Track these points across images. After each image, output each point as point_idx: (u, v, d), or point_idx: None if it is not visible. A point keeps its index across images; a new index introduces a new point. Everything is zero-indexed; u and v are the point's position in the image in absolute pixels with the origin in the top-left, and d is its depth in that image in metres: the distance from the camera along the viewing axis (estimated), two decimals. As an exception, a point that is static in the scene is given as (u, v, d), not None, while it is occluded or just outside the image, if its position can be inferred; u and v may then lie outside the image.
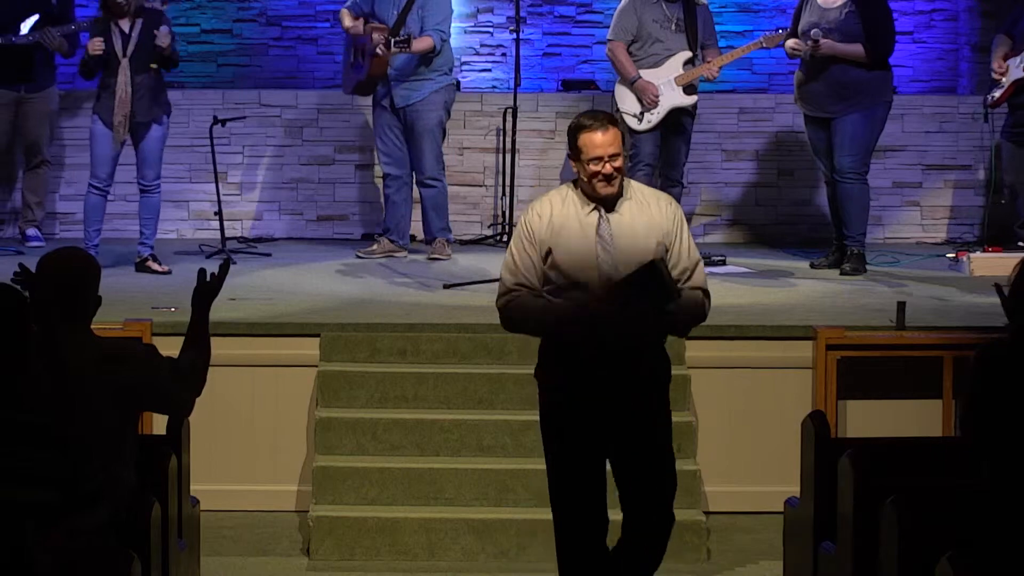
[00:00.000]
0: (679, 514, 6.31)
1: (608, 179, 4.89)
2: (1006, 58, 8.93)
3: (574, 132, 4.95)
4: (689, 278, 4.99)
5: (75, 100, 10.02)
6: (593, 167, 4.89)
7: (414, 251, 9.11)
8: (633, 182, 5.10)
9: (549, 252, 4.93)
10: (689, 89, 8.89)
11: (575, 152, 4.94)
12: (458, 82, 9.74)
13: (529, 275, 4.94)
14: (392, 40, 8.56)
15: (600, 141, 4.87)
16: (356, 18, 8.88)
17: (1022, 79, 8.87)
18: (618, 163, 4.90)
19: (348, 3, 8.96)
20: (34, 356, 3.92)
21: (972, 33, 10.75)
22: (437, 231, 8.98)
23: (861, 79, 8.47)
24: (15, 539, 3.49)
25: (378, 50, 8.60)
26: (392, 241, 9.01)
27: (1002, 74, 8.90)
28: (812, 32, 8.45)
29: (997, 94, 8.96)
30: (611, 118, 5.00)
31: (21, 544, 3.49)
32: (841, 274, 8.54)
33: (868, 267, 8.69)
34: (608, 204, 4.94)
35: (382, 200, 9.18)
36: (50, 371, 4.18)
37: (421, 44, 8.66)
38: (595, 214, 4.94)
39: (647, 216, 4.95)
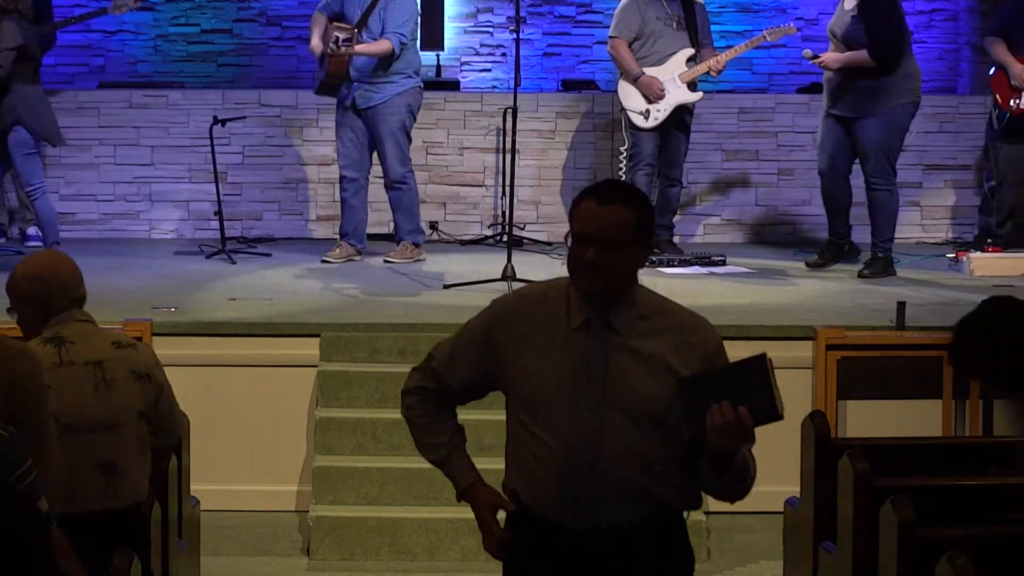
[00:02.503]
0: (679, 514, 6.34)
1: (588, 270, 3.40)
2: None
3: (575, 200, 3.54)
4: None
5: (75, 100, 10.02)
6: (577, 246, 3.43)
7: (372, 254, 9.06)
8: (653, 294, 3.55)
9: (500, 369, 3.57)
10: (692, 86, 8.91)
11: (570, 225, 3.50)
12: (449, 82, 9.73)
13: (456, 373, 3.73)
14: (339, 39, 8.57)
15: (594, 214, 3.41)
16: (329, 20, 8.87)
17: None
18: (612, 257, 3.39)
19: (321, 3, 8.95)
20: None
21: (972, 33, 10.76)
22: (405, 234, 8.95)
23: (875, 83, 8.38)
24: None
25: (328, 49, 8.60)
26: (351, 245, 8.97)
27: None
28: (802, 52, 8.61)
29: None
30: (627, 195, 3.49)
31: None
32: (859, 276, 8.51)
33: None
34: (610, 316, 3.45)
35: (340, 203, 9.09)
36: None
37: (374, 47, 8.62)
38: (586, 330, 3.46)
39: (665, 344, 3.45)
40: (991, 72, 9.31)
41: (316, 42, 8.74)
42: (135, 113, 9.99)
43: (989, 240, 9.07)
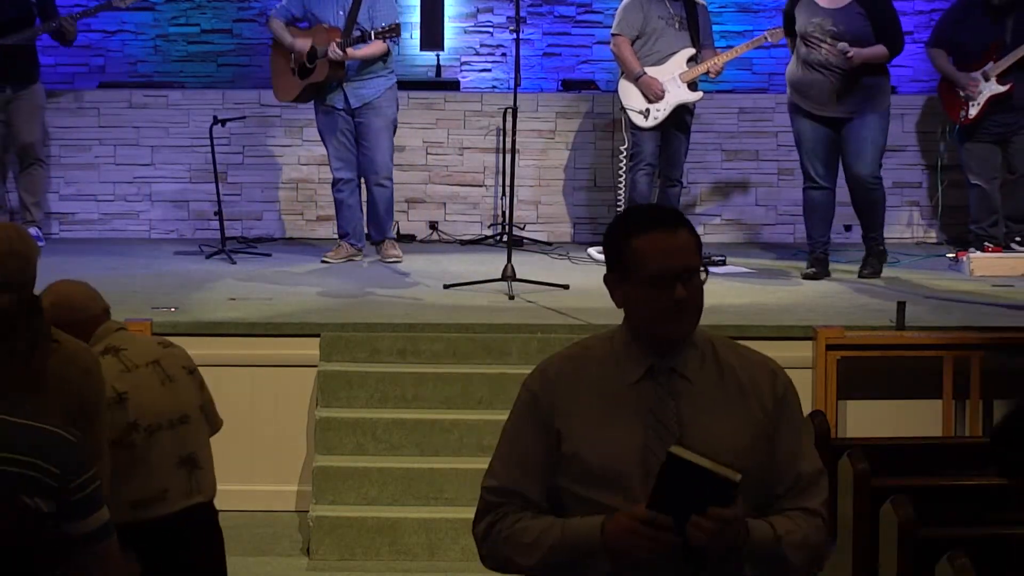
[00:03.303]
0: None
1: (682, 311, 2.98)
2: (968, 72, 9.03)
3: (620, 237, 3.03)
4: (799, 493, 3.03)
5: (75, 100, 10.02)
6: (657, 290, 2.96)
7: (372, 254, 9.05)
8: (707, 333, 3.13)
9: (561, 440, 3.01)
10: (693, 85, 8.92)
11: (620, 268, 3.02)
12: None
13: (528, 477, 3.04)
14: (339, 43, 8.56)
15: (671, 245, 2.98)
16: (288, 25, 8.85)
17: (997, 93, 8.96)
18: (700, 288, 3.04)
19: (275, 11, 8.92)
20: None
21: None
22: (389, 230, 8.98)
23: (875, 80, 8.33)
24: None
25: (332, 54, 8.55)
26: (352, 245, 8.97)
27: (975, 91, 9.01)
28: (840, 47, 8.20)
29: (974, 112, 9.03)
30: (678, 215, 3.08)
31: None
32: (861, 277, 8.46)
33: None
34: (674, 362, 3.02)
35: (335, 205, 9.04)
36: None
37: (375, 48, 8.62)
38: (650, 381, 3.01)
39: (734, 389, 3.04)
40: (937, 83, 9.36)
41: (304, 41, 8.72)
42: (135, 113, 9.99)
43: (987, 242, 9.06)
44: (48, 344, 3.59)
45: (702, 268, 3.04)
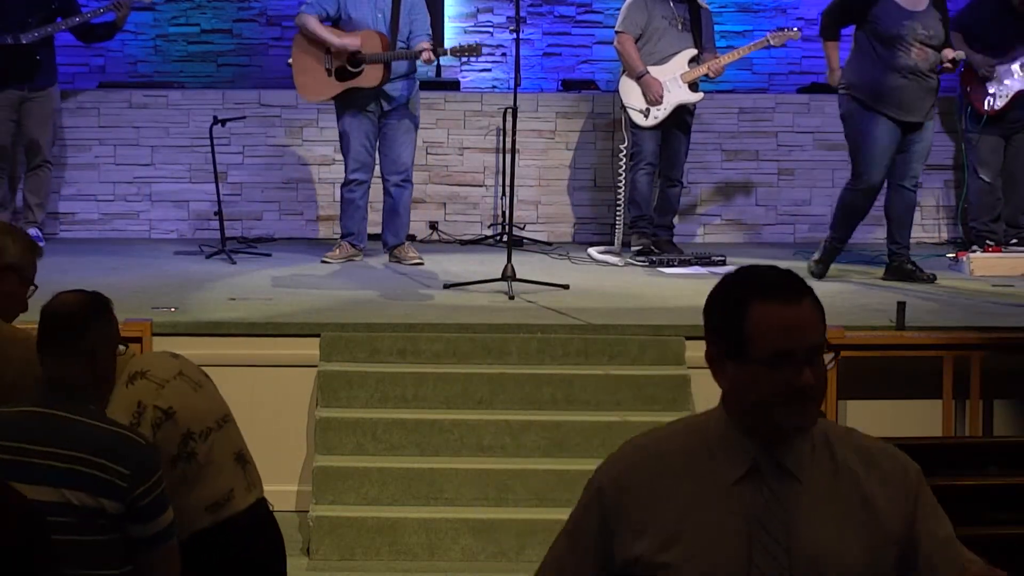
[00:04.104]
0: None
1: (805, 399, 2.53)
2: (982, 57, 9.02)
3: (733, 304, 2.58)
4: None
5: (75, 100, 10.02)
6: (778, 372, 2.51)
7: (371, 254, 9.04)
8: (821, 420, 2.64)
9: (634, 550, 2.58)
10: (694, 86, 8.93)
11: (730, 342, 2.56)
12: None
13: None
14: (439, 49, 8.53)
15: (793, 320, 2.53)
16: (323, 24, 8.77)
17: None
18: (824, 371, 2.58)
19: (307, 7, 8.74)
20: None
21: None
22: (405, 235, 8.98)
23: (936, 83, 8.28)
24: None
25: (426, 58, 8.52)
26: (353, 245, 8.96)
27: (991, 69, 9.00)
28: (955, 55, 8.14)
29: (1000, 103, 9.03)
30: (800, 281, 2.61)
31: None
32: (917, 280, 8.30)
33: (868, 267, 8.70)
34: (783, 456, 2.57)
35: (340, 206, 9.01)
36: None
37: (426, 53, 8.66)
38: (754, 481, 2.57)
39: (854, 495, 2.60)
40: (960, 69, 9.32)
41: (353, 40, 8.58)
42: (135, 113, 10.00)
43: (989, 241, 9.06)
44: (115, 347, 3.65)
45: (827, 348, 2.62)
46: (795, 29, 9.16)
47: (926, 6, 8.17)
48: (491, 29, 10.79)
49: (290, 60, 8.90)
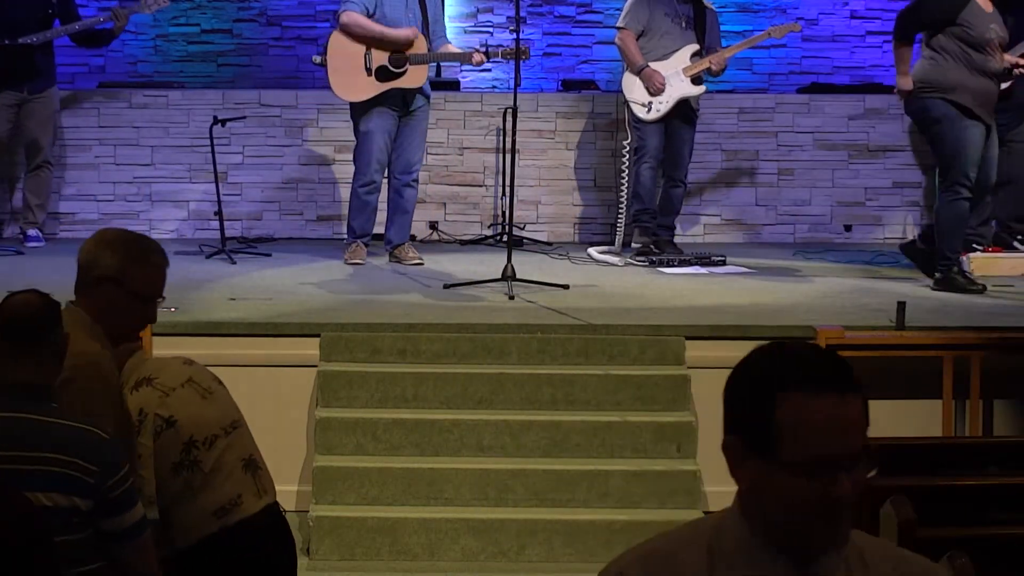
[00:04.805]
0: (679, 514, 6.34)
1: (834, 510, 2.16)
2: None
3: (762, 390, 2.17)
4: None
5: (75, 100, 10.02)
6: (810, 479, 2.14)
7: (373, 254, 9.04)
8: (856, 533, 2.28)
9: None
10: (697, 80, 8.93)
11: (755, 436, 2.17)
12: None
13: None
14: (490, 51, 8.52)
15: (837, 418, 2.15)
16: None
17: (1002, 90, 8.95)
18: (863, 476, 2.19)
19: (351, 7, 8.60)
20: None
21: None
22: (407, 235, 8.98)
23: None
24: None
25: (478, 59, 8.51)
26: (366, 245, 8.96)
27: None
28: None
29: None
30: (849, 374, 2.24)
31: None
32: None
33: (868, 267, 8.69)
34: (810, 571, 2.21)
35: (353, 206, 8.93)
36: None
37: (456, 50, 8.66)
38: None
39: None
40: None
41: (406, 32, 8.51)
42: (135, 113, 10.00)
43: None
44: (66, 346, 3.63)
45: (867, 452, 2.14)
46: (796, 22, 9.18)
47: (993, 8, 8.14)
48: (491, 29, 10.79)
49: (318, 58, 8.75)
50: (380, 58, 8.57)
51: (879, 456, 4.98)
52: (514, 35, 8.29)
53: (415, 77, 8.57)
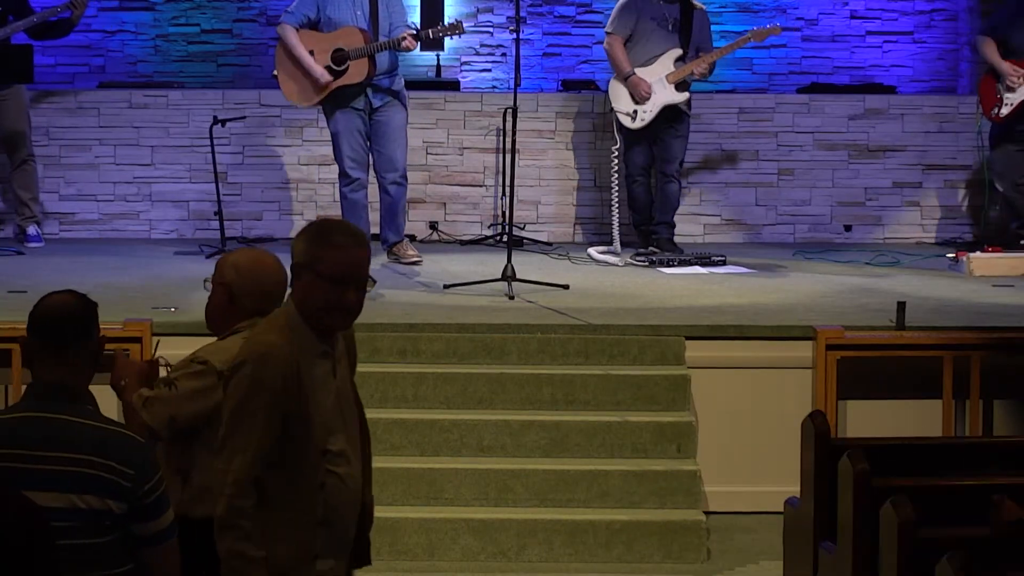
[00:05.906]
0: (678, 514, 6.34)
1: (344, 308, 4.03)
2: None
3: (318, 239, 3.82)
4: None
5: (75, 100, 10.02)
6: (333, 287, 3.87)
7: (373, 254, 9.00)
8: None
9: None
10: (681, 86, 8.95)
11: (313, 260, 3.88)
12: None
13: None
14: (420, 32, 8.51)
15: (351, 255, 3.87)
16: (298, 29, 8.67)
17: None
18: (360, 293, 4.01)
19: (287, 16, 8.66)
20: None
21: (972, 33, 10.74)
22: (403, 233, 8.96)
23: None
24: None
25: (407, 45, 8.49)
26: None
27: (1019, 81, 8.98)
28: None
29: (1005, 111, 9.04)
30: (364, 237, 4.04)
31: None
32: None
33: (868, 266, 8.69)
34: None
35: (344, 207, 8.82)
36: None
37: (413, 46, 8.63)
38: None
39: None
40: (981, 76, 9.34)
41: (321, 69, 8.51)
42: (135, 113, 9.99)
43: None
44: (102, 348, 3.63)
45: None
46: (776, 25, 9.19)
47: None
48: (491, 29, 10.79)
49: (275, 72, 8.81)
50: (323, 59, 8.58)
51: (879, 456, 4.98)
52: (514, 35, 8.29)
53: (357, 72, 8.55)
